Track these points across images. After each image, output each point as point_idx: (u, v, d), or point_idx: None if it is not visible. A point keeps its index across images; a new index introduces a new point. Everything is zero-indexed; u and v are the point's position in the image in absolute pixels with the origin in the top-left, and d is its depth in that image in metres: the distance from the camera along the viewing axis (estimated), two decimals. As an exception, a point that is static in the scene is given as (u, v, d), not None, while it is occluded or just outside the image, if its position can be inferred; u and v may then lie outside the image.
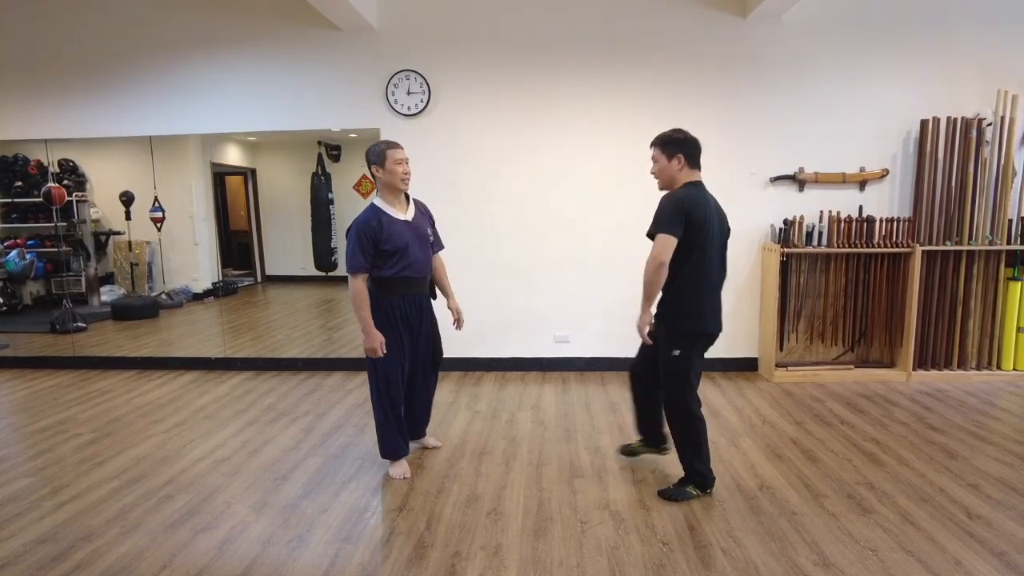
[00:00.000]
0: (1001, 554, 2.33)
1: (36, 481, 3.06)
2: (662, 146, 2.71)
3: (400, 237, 2.83)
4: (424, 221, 3.02)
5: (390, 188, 2.86)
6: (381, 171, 2.83)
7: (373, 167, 2.85)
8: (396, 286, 2.87)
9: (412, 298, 2.94)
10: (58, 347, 5.44)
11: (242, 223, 6.79)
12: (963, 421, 3.72)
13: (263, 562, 2.35)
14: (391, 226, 2.82)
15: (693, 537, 2.48)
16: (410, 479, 3.02)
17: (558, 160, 4.67)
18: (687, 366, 2.70)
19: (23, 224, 5.92)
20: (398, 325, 2.91)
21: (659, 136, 2.74)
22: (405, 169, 2.86)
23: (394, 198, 2.89)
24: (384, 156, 2.81)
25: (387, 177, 2.83)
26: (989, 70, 4.44)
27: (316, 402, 4.20)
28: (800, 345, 4.74)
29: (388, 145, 2.84)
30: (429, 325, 3.07)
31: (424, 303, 3.03)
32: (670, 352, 2.70)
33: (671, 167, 2.69)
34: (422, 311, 3.01)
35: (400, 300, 2.89)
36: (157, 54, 4.85)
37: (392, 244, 2.80)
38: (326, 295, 7.40)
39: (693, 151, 2.70)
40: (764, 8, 4.22)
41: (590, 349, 4.85)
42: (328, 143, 6.64)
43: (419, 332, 3.01)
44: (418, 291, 2.97)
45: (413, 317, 2.96)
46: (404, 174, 2.85)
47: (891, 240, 4.50)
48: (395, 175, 2.83)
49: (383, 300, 2.88)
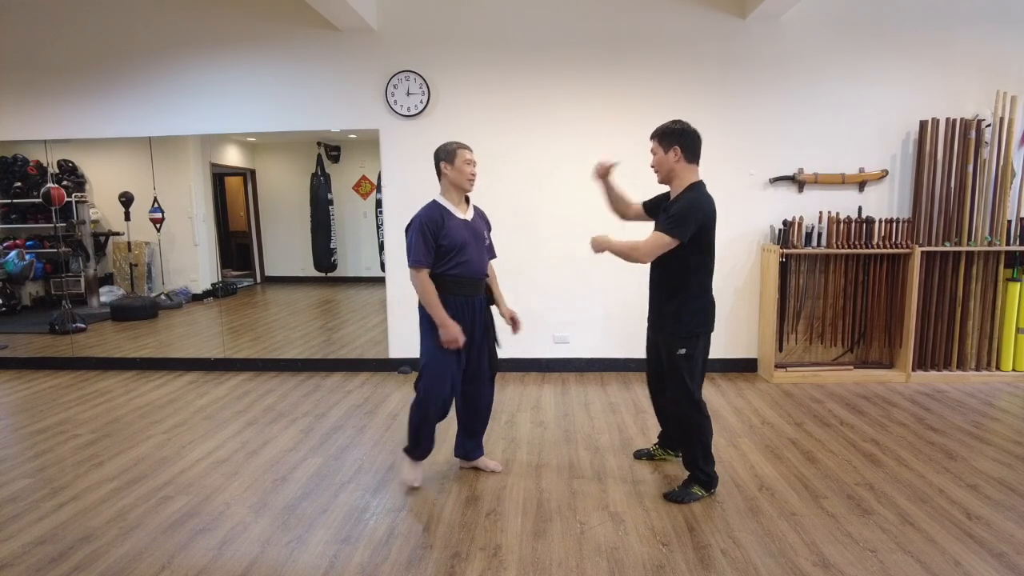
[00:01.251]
0: (1000, 555, 2.33)
1: (35, 482, 3.06)
2: (659, 138, 2.69)
3: (459, 234, 2.79)
4: (482, 224, 3.00)
5: (455, 187, 2.84)
6: (450, 169, 2.81)
7: (442, 163, 2.82)
8: (450, 285, 2.79)
9: (465, 299, 2.85)
10: (57, 348, 5.44)
11: (241, 224, 6.79)
12: (962, 422, 3.72)
13: (262, 563, 2.35)
14: (451, 223, 2.79)
15: (692, 538, 2.48)
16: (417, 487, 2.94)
17: (557, 160, 4.67)
18: (693, 364, 2.73)
19: (22, 225, 5.92)
20: None
21: (658, 128, 2.72)
22: (473, 170, 2.84)
23: (457, 198, 2.86)
24: (455, 155, 2.79)
25: (455, 176, 2.81)
26: (988, 71, 4.44)
27: (315, 403, 4.20)
28: (799, 346, 4.74)
29: (459, 145, 2.82)
30: (483, 330, 2.95)
31: (478, 306, 2.92)
32: (676, 352, 2.72)
33: (668, 159, 2.67)
34: (475, 314, 2.90)
35: (453, 300, 2.80)
36: (156, 55, 4.85)
37: (450, 240, 2.76)
38: (325, 296, 7.40)
39: (691, 142, 2.67)
40: (764, 9, 4.23)
41: (589, 350, 4.85)
42: (328, 144, 6.64)
43: (472, 336, 2.88)
44: (472, 292, 2.88)
45: (467, 319, 2.85)
46: (471, 175, 2.83)
47: (890, 241, 4.50)
48: (463, 174, 2.81)
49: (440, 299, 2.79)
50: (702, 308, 2.72)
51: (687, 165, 2.68)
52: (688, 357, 2.71)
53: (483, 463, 3.14)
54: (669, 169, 2.69)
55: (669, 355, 2.75)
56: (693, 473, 2.82)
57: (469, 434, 3.10)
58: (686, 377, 2.72)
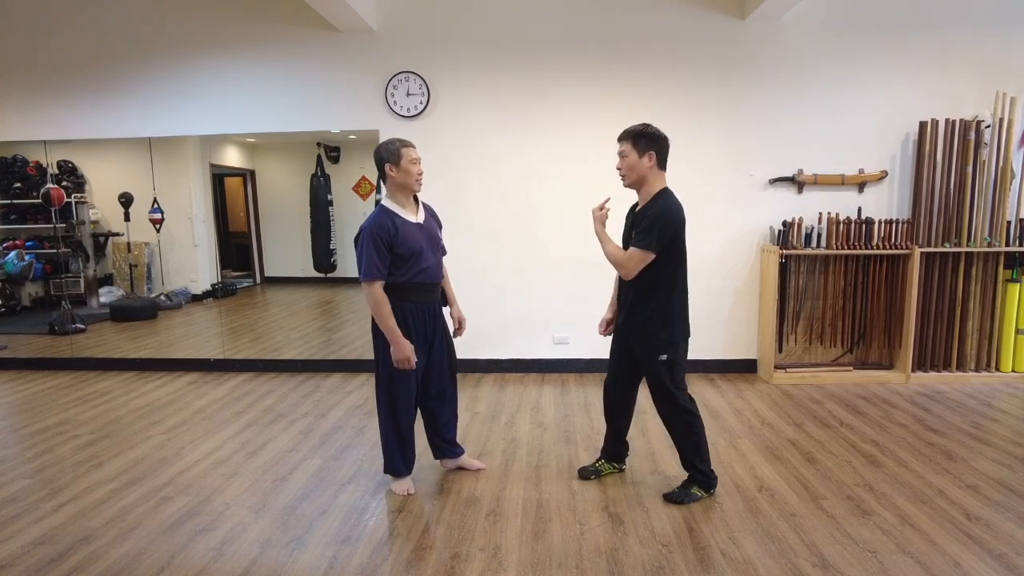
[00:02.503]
0: (1000, 556, 2.33)
1: (35, 483, 3.06)
2: (633, 140, 2.58)
3: (414, 241, 2.68)
4: (434, 224, 2.90)
5: (403, 189, 2.70)
6: (395, 170, 2.66)
7: (387, 166, 2.67)
8: (409, 293, 2.71)
9: (424, 305, 2.78)
10: (57, 348, 5.44)
11: (241, 224, 6.79)
12: (962, 423, 3.72)
13: (262, 564, 2.35)
14: (404, 229, 2.66)
15: (692, 539, 2.48)
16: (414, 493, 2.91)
17: (557, 161, 4.67)
18: (675, 368, 2.68)
19: (22, 225, 5.92)
20: (412, 336, 2.72)
21: (628, 130, 2.61)
22: (420, 169, 2.70)
23: (405, 200, 2.73)
24: (399, 155, 2.65)
25: (401, 177, 2.67)
26: (987, 72, 4.45)
27: (315, 404, 4.20)
28: (799, 347, 4.74)
29: (403, 143, 2.68)
30: (442, 333, 2.91)
31: (436, 310, 2.87)
32: (656, 358, 2.66)
33: (642, 164, 2.58)
34: (435, 319, 2.85)
35: (413, 308, 2.73)
36: (156, 55, 4.85)
37: (406, 248, 2.64)
38: (325, 296, 7.40)
39: (664, 149, 2.62)
40: (763, 10, 4.23)
41: (589, 350, 4.85)
42: (327, 144, 6.65)
43: (432, 341, 2.85)
44: (431, 298, 2.82)
45: (427, 326, 2.80)
46: (419, 174, 2.69)
47: (890, 242, 4.50)
48: (410, 175, 2.67)
49: (395, 309, 2.68)
50: (683, 316, 2.68)
51: (659, 172, 2.62)
52: (670, 363, 2.66)
53: (467, 462, 3.12)
54: (642, 175, 2.60)
55: (648, 361, 2.69)
56: (692, 474, 2.81)
57: (443, 436, 3.03)
58: (668, 383, 2.68)
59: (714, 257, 4.70)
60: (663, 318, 2.64)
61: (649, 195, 2.65)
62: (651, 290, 2.64)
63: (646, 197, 2.66)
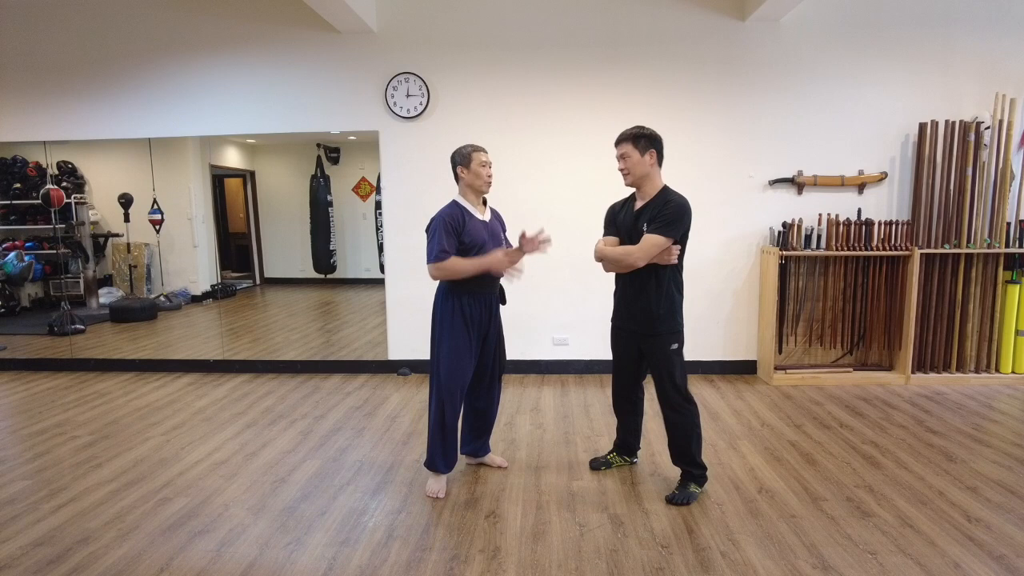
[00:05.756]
0: (1000, 557, 2.33)
1: (34, 483, 3.05)
2: (633, 141, 2.71)
3: (478, 234, 2.84)
4: (498, 225, 3.06)
5: (472, 189, 2.89)
6: (466, 172, 2.86)
7: (458, 168, 2.87)
8: (469, 284, 2.83)
9: (483, 298, 2.90)
10: (56, 349, 5.43)
11: (241, 225, 6.79)
12: (962, 424, 3.72)
13: (261, 565, 2.34)
14: (471, 223, 2.84)
15: (692, 540, 2.48)
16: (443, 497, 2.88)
17: (557, 162, 4.68)
18: (681, 357, 2.80)
19: (21, 226, 5.92)
20: (468, 328, 2.85)
21: (626, 132, 2.74)
22: (489, 172, 2.89)
23: (475, 199, 2.92)
24: (470, 158, 2.85)
25: (471, 179, 2.86)
26: (987, 74, 4.45)
27: (314, 405, 4.19)
28: (799, 348, 4.74)
29: (474, 148, 2.88)
30: (496, 330, 3.03)
31: (494, 306, 2.99)
32: (669, 348, 2.77)
33: (644, 162, 2.70)
34: (491, 314, 2.97)
35: (471, 300, 2.85)
36: (156, 56, 4.85)
37: (471, 239, 2.81)
38: (325, 297, 7.40)
39: (662, 147, 2.75)
40: (763, 11, 4.23)
41: (589, 351, 4.85)
42: (327, 146, 6.66)
43: (487, 336, 2.96)
44: (489, 289, 2.93)
45: (484, 317, 2.92)
46: (488, 177, 2.88)
47: (890, 243, 4.50)
48: (480, 177, 2.86)
49: (454, 299, 2.83)
50: (681, 305, 2.80)
51: (659, 169, 2.76)
52: (679, 352, 2.79)
53: (491, 459, 3.22)
54: (644, 173, 2.72)
55: (662, 352, 2.77)
56: (687, 470, 2.85)
57: (477, 433, 3.16)
58: (676, 373, 2.77)
59: (714, 258, 4.70)
60: (669, 307, 2.75)
61: (652, 192, 2.75)
62: (657, 282, 2.74)
63: (649, 194, 2.76)
